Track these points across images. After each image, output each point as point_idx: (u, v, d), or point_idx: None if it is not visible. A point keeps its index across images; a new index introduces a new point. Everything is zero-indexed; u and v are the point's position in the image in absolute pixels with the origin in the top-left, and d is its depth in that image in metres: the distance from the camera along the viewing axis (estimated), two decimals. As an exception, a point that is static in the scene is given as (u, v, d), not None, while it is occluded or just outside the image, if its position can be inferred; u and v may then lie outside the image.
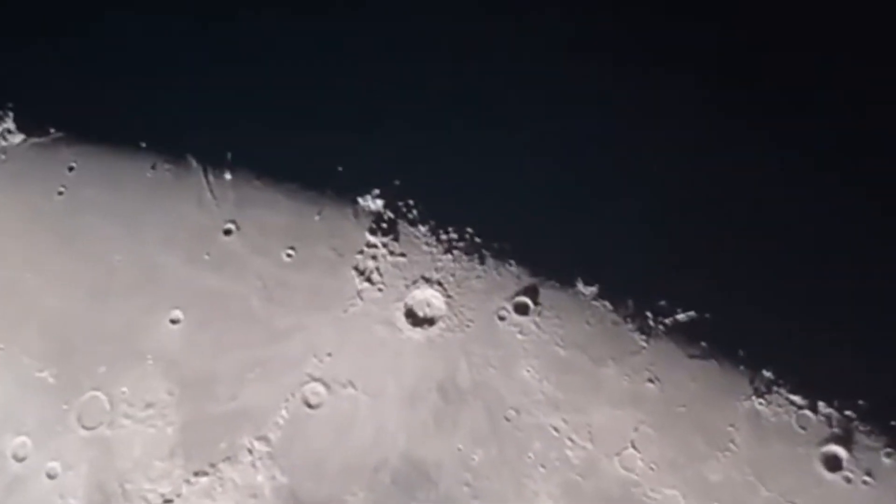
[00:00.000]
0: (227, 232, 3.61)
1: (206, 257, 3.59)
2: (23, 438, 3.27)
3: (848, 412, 2.96)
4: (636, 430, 3.07)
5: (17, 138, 3.79)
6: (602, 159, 3.50)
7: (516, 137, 3.59)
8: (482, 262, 3.40)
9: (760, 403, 3.04)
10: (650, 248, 3.35)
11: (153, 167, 3.76)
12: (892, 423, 2.92)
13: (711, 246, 3.29)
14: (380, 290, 3.41)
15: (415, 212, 3.52)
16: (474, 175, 3.57)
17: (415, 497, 3.03)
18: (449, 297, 3.35)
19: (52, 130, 3.81)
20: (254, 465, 3.16)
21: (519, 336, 3.26)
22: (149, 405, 3.34)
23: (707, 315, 3.19)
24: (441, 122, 3.69)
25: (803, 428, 2.98)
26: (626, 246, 3.36)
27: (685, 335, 3.17)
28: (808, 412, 3.00)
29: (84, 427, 3.30)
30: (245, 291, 3.49)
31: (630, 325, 3.21)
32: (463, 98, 3.70)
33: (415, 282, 3.41)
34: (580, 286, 3.32)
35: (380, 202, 3.55)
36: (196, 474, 3.18)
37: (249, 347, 3.38)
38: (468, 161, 3.59)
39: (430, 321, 3.33)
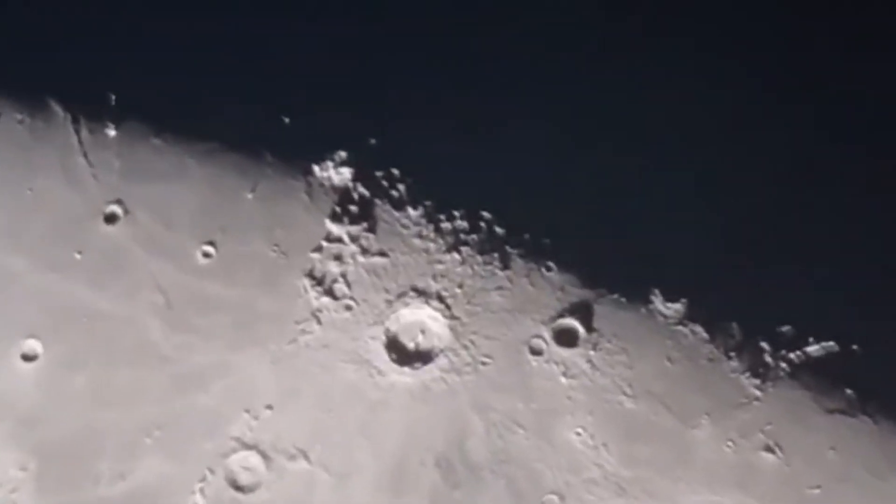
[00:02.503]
0: (111, 218, 3.19)
1: (78, 257, 3.13)
2: None
3: None
4: (746, 523, 2.88)
5: None
6: (685, 118, 3.15)
7: (554, 84, 3.22)
8: (505, 265, 3.03)
9: (938, 482, 2.89)
10: (763, 246, 3.04)
11: (-3, 117, 3.35)
12: None
13: (857, 247, 2.99)
14: (348, 308, 3.03)
15: (401, 186, 3.14)
16: (492, 132, 3.20)
17: None
18: (454, 318, 3.00)
19: None
20: (153, 578, 2.96)
21: (563, 380, 2.92)
22: (-9, 486, 2.98)
23: (854, 347, 2.90)
24: (444, 53, 3.30)
25: None
26: (726, 243, 3.05)
27: (821, 378, 2.88)
28: None
29: None
30: (138, 311, 3.09)
31: (735, 363, 2.90)
32: (473, 14, 3.31)
33: (402, 295, 3.05)
34: (657, 302, 2.99)
35: (347, 172, 3.16)
36: None
37: (146, 398, 3.00)
38: (483, 112, 3.22)
39: (425, 356, 2.98)
